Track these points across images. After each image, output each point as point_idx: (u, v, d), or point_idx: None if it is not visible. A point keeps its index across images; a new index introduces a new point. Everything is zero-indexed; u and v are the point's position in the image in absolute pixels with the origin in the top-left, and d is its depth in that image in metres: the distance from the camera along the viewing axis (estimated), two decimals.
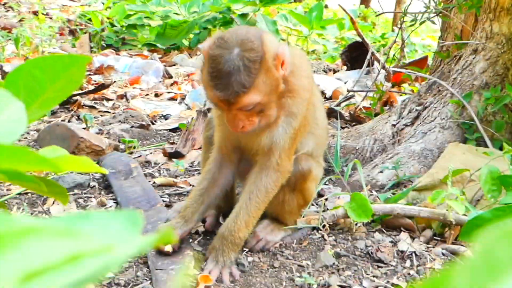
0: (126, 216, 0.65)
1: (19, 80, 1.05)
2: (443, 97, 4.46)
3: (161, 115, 6.02)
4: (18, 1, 12.48)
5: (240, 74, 2.75)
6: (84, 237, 0.56)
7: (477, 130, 4.17)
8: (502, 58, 4.26)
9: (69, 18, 11.21)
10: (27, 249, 0.53)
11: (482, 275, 0.44)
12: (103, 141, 4.55)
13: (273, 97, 2.95)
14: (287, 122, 3.11)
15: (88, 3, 13.47)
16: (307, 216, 3.56)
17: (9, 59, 7.63)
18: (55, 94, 1.08)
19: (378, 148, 4.54)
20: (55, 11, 11.86)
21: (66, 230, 0.55)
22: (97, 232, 0.63)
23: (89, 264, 0.54)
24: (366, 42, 6.62)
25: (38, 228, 0.54)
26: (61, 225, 0.63)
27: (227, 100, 2.80)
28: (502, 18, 4.26)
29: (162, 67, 7.98)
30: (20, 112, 0.93)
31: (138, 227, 0.64)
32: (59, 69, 1.03)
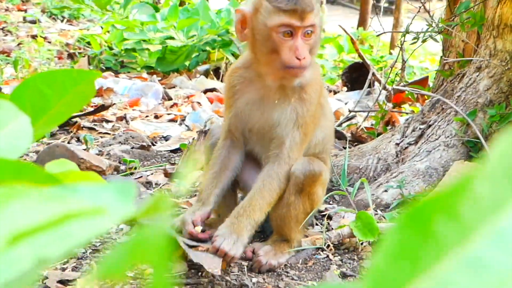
0: (118, 187, 0.62)
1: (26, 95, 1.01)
2: (447, 115, 4.43)
3: (162, 136, 5.98)
4: (17, 25, 12.49)
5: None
6: (75, 200, 0.53)
7: (482, 148, 4.14)
8: (506, 75, 4.24)
9: (68, 42, 11.20)
10: (14, 210, 0.50)
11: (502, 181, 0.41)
12: (103, 162, 4.51)
13: (318, 44, 3.36)
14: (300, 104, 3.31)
15: (86, 27, 13.48)
16: (311, 235, 3.53)
17: (8, 81, 7.62)
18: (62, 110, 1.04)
19: (382, 167, 4.50)
20: (54, 35, 11.85)
21: (55, 194, 0.53)
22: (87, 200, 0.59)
23: (79, 225, 0.52)
24: (367, 62, 6.61)
25: (26, 191, 0.52)
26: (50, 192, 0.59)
27: (301, 13, 3.09)
28: (506, 35, 4.24)
29: (161, 89, 7.96)
30: (25, 126, 0.90)
31: (130, 197, 0.61)
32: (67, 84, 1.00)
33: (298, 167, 3.26)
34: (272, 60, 3.21)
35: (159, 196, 0.55)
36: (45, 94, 1.00)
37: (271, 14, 3.12)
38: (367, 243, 3.41)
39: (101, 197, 0.60)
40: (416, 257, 0.39)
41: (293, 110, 3.29)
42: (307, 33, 3.14)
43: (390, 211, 3.91)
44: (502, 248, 0.38)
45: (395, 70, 7.28)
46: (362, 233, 3.31)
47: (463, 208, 0.41)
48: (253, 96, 3.40)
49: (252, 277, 3.18)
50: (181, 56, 9.60)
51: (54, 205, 0.51)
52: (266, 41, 3.20)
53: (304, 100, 3.31)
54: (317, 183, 3.31)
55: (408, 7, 16.16)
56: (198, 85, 8.69)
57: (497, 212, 0.40)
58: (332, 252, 3.41)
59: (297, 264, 3.32)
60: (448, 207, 0.41)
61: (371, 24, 10.34)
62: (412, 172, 4.21)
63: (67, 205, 0.52)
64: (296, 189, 3.27)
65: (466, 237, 0.40)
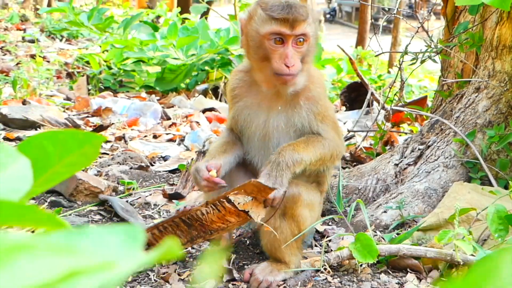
0: (125, 231, 0.62)
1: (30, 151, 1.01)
2: (446, 136, 4.43)
3: (160, 156, 5.98)
4: (16, 44, 12.53)
5: (299, 7, 3.22)
6: (82, 254, 0.52)
7: (482, 169, 4.14)
8: (505, 96, 4.25)
9: (67, 61, 11.25)
10: (19, 267, 0.49)
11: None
12: (101, 182, 4.50)
13: (311, 53, 3.39)
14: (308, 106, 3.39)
15: (85, 47, 13.53)
16: (310, 257, 3.52)
17: (7, 101, 7.62)
18: (64, 169, 1.04)
19: (381, 187, 4.50)
20: (53, 54, 11.90)
21: (62, 246, 0.52)
22: (96, 248, 0.59)
23: (88, 281, 0.51)
24: (365, 82, 6.62)
25: (31, 245, 0.51)
26: (57, 241, 0.58)
27: (292, 22, 3.18)
28: (505, 56, 4.25)
29: (160, 108, 7.97)
30: (25, 168, 0.90)
31: (139, 242, 0.60)
32: (72, 145, 1.00)
33: (276, 192, 3.24)
34: (264, 66, 3.29)
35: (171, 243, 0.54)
36: (49, 152, 1.01)
37: (263, 22, 3.22)
38: (366, 264, 3.39)
39: (109, 243, 0.60)
40: None
41: (305, 110, 3.37)
42: (299, 41, 3.22)
43: (390, 232, 3.90)
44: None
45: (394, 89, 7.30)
46: (361, 254, 3.30)
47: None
48: (252, 101, 3.47)
49: None
50: (180, 75, 9.62)
51: (62, 260, 0.50)
52: (258, 48, 3.28)
53: (312, 99, 3.40)
54: (298, 205, 3.29)
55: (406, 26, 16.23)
56: (196, 104, 8.71)
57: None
58: (331, 274, 3.40)
59: (296, 286, 3.31)
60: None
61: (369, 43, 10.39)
62: (411, 193, 4.20)
63: (76, 258, 0.50)
64: (280, 212, 3.26)
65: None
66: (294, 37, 3.18)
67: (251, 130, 3.43)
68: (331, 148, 3.35)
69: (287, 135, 3.35)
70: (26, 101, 7.58)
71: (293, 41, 3.19)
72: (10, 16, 16.47)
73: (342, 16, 42.17)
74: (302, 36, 3.21)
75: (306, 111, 3.35)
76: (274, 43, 3.20)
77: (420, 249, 3.43)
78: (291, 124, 3.35)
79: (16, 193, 0.85)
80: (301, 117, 3.35)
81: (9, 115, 6.53)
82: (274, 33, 3.18)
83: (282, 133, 3.35)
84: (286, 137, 3.35)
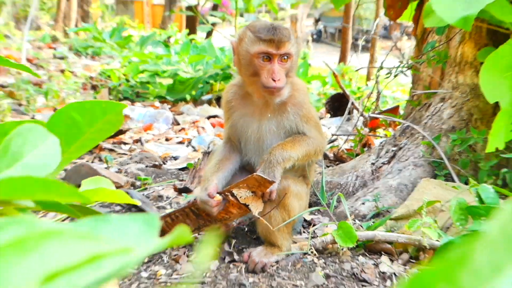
0: (143, 219, 0.63)
1: (60, 122, 1.00)
2: (415, 139, 4.44)
3: (171, 156, 5.98)
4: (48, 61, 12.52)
5: (283, 29, 3.21)
6: (104, 240, 0.53)
7: (446, 167, 4.15)
8: (466, 105, 4.26)
9: (91, 75, 11.23)
10: (48, 251, 0.50)
11: (500, 250, 0.41)
12: (121, 178, 4.51)
13: (294, 68, 3.37)
14: (295, 110, 3.39)
15: (107, 63, 13.51)
16: (299, 241, 3.53)
17: (40, 109, 7.63)
18: (93, 136, 1.04)
19: (359, 183, 4.51)
20: (79, 69, 11.89)
21: (86, 233, 0.52)
22: (116, 234, 0.60)
23: (108, 264, 0.51)
24: (347, 93, 6.62)
25: (59, 231, 0.51)
26: (82, 229, 0.60)
27: (277, 43, 3.18)
28: (466, 70, 4.26)
29: (171, 115, 7.97)
30: (54, 146, 0.89)
31: (155, 229, 0.61)
32: (98, 114, 0.99)
33: (273, 186, 3.27)
34: (254, 81, 3.29)
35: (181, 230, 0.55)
36: (78, 122, 1.00)
37: (253, 43, 3.22)
38: (347, 248, 3.40)
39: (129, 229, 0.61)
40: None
41: (292, 113, 3.38)
42: (283, 59, 3.22)
43: (367, 221, 3.91)
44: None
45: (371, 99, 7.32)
46: (343, 240, 3.31)
47: (463, 276, 0.41)
48: (246, 111, 3.46)
49: (249, 277, 3.17)
50: (188, 86, 9.63)
51: (84, 245, 0.51)
52: (248, 65, 3.28)
53: (297, 104, 3.40)
54: (288, 195, 3.31)
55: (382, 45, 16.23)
56: (202, 112, 8.71)
57: (493, 278, 0.40)
58: (317, 256, 3.41)
59: (287, 267, 3.32)
60: (450, 276, 0.41)
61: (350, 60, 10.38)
62: (386, 188, 4.21)
63: (97, 244, 0.51)
64: (272, 203, 3.29)
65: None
66: (279, 55, 3.20)
67: (248, 135, 3.44)
68: (314, 144, 3.38)
69: (278, 137, 3.37)
70: (57, 109, 7.59)
71: (279, 59, 3.20)
72: (42, 36, 16.44)
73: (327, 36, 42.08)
74: (286, 55, 3.22)
75: (293, 115, 3.37)
76: (262, 61, 3.21)
77: (393, 235, 3.44)
78: (281, 127, 3.37)
79: (46, 168, 0.85)
80: (289, 120, 3.36)
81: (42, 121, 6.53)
82: (262, 52, 3.20)
83: (274, 135, 3.37)
84: (277, 138, 3.36)
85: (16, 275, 0.47)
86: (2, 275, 0.46)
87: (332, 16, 38.76)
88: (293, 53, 3.25)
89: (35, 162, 0.87)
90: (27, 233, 0.51)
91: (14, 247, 0.49)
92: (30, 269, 0.48)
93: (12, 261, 0.48)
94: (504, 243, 0.41)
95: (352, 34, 16.22)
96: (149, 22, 30.83)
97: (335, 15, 36.33)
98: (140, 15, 31.90)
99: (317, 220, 4.02)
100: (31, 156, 0.86)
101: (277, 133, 3.39)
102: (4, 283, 0.46)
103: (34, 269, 0.48)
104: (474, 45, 4.23)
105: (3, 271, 0.47)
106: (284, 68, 3.24)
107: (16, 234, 0.52)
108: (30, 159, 0.86)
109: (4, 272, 0.47)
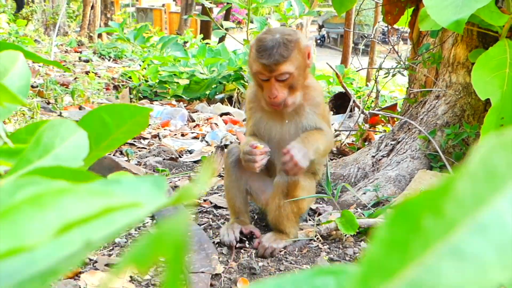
0: (152, 180, 0.63)
1: (91, 122, 1.01)
2: (412, 133, 4.41)
3: (187, 150, 5.96)
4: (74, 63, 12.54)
5: (280, 48, 2.95)
6: (115, 195, 0.52)
7: (441, 159, 4.12)
8: (459, 102, 4.22)
9: (114, 76, 11.24)
10: (63, 206, 0.49)
11: (482, 182, 0.39)
12: (141, 170, 4.49)
13: (301, 77, 3.12)
14: (313, 110, 3.26)
15: (128, 65, 13.54)
16: (305, 228, 3.51)
17: (67, 107, 7.63)
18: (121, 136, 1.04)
19: (361, 174, 4.47)
20: (102, 71, 11.90)
21: (99, 190, 0.52)
22: (127, 193, 0.60)
23: (119, 218, 0.52)
24: (349, 92, 6.58)
25: (73, 189, 0.51)
26: (95, 187, 0.58)
27: (270, 67, 2.96)
28: (459, 70, 4.23)
29: (186, 113, 7.95)
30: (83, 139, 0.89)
31: (163, 189, 0.62)
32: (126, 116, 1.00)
33: (281, 178, 3.21)
34: (261, 92, 3.17)
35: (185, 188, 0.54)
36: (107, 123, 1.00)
37: (254, 60, 3.06)
38: (349, 235, 3.37)
39: (139, 189, 0.61)
40: (406, 248, 0.38)
41: (311, 113, 3.27)
42: (281, 79, 3.03)
43: (368, 210, 3.88)
44: (480, 238, 0.37)
45: (371, 98, 7.28)
46: (345, 227, 3.29)
47: (447, 205, 0.39)
48: (265, 114, 3.34)
49: (258, 262, 3.15)
50: (203, 86, 9.62)
51: (97, 200, 0.50)
52: (254, 79, 3.19)
53: (315, 104, 3.30)
54: (298, 188, 3.24)
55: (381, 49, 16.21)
56: (215, 110, 8.69)
57: (477, 208, 0.38)
58: (322, 242, 3.39)
59: (294, 252, 3.29)
60: (434, 205, 0.39)
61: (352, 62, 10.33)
62: (385, 179, 4.18)
63: (109, 199, 0.51)
64: (283, 194, 3.23)
65: (449, 230, 0.38)
66: (274, 77, 3.01)
67: (270, 136, 3.35)
68: (329, 139, 3.32)
69: (298, 135, 3.25)
70: (82, 107, 7.58)
71: (276, 79, 3.02)
72: (69, 41, 16.49)
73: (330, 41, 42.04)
74: (282, 76, 3.01)
75: (312, 114, 3.26)
76: (262, 79, 3.07)
77: None
78: (300, 128, 3.25)
79: (75, 160, 0.85)
80: (308, 119, 3.25)
81: (68, 117, 6.54)
82: (259, 73, 3.04)
83: (294, 135, 3.24)
84: (297, 136, 3.27)
85: (32, 227, 0.47)
86: (19, 228, 0.47)
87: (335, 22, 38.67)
88: (292, 70, 3.01)
89: (65, 154, 0.88)
90: (43, 190, 0.51)
91: (31, 202, 0.49)
92: (45, 222, 0.48)
93: (29, 214, 0.48)
94: (484, 175, 0.39)
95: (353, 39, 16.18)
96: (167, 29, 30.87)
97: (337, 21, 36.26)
98: (158, 22, 31.94)
99: (321, 209, 4.00)
100: (62, 148, 0.87)
101: (297, 133, 3.27)
102: (21, 234, 0.47)
103: (49, 222, 0.48)
104: (465, 47, 4.20)
105: (20, 224, 0.47)
106: (285, 84, 3.06)
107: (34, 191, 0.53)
108: (61, 150, 0.87)
109: (21, 225, 0.47)
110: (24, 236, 0.46)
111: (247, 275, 2.99)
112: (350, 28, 15.39)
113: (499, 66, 3.39)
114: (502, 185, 0.39)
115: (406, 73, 5.07)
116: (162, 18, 33.09)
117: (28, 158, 0.81)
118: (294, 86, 3.10)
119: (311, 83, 3.35)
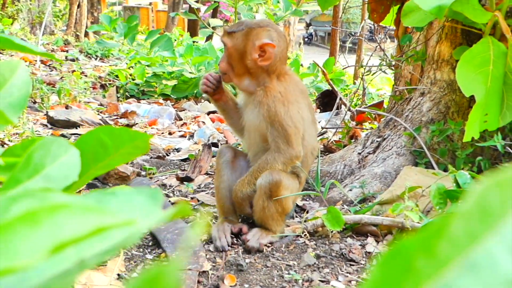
0: (147, 193, 0.63)
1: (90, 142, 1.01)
2: (398, 130, 4.44)
3: (174, 148, 5.97)
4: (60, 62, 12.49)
5: (236, 26, 3.24)
6: (110, 212, 0.52)
7: (426, 156, 4.15)
8: (444, 99, 4.26)
9: (100, 75, 11.20)
10: (57, 223, 0.49)
11: (476, 221, 0.40)
12: (128, 169, 4.49)
13: (240, 61, 3.25)
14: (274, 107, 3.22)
15: (115, 64, 13.49)
16: (292, 225, 3.53)
17: (53, 106, 7.61)
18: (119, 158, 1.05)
19: (347, 171, 4.50)
20: (89, 70, 11.86)
21: (93, 206, 0.52)
22: (122, 207, 0.60)
23: (113, 235, 0.52)
24: (335, 90, 6.61)
25: (68, 205, 0.51)
26: (89, 202, 0.59)
27: (224, 34, 3.29)
28: (443, 67, 4.26)
29: (174, 111, 7.96)
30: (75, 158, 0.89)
31: (159, 203, 0.62)
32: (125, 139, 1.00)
33: (263, 180, 3.24)
34: None
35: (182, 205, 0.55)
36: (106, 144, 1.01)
37: None
38: (336, 231, 3.40)
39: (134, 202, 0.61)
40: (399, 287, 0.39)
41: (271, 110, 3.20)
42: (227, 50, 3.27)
43: (354, 206, 3.91)
44: (472, 277, 0.38)
45: (357, 95, 7.32)
46: (331, 223, 3.31)
47: (440, 245, 0.40)
48: (243, 96, 3.49)
49: (246, 258, 3.17)
50: (191, 85, 9.62)
51: (92, 217, 0.51)
52: None
53: (277, 102, 3.21)
54: (280, 188, 3.25)
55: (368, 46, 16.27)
56: (202, 108, 8.71)
57: (469, 247, 0.40)
58: (308, 238, 3.41)
59: (281, 248, 3.32)
60: (427, 245, 0.40)
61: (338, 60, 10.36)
62: (371, 175, 4.21)
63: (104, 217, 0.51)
64: (266, 196, 3.25)
65: (441, 269, 0.39)
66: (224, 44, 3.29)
67: (244, 119, 3.42)
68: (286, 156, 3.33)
69: (261, 127, 3.27)
70: (69, 106, 7.57)
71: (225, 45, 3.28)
72: (56, 40, 16.41)
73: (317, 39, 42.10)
74: (226, 44, 3.26)
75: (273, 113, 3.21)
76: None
77: (378, 218, 3.45)
78: (261, 119, 3.24)
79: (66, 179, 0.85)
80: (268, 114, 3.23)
81: (55, 117, 6.54)
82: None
83: (259, 126, 3.29)
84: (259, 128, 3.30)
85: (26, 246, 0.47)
86: (13, 247, 0.47)
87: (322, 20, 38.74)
88: (229, 45, 3.22)
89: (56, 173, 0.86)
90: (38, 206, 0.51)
91: (25, 220, 0.49)
92: (39, 241, 0.48)
93: (22, 233, 0.48)
94: (479, 214, 0.40)
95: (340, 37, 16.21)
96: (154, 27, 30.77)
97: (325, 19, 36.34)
98: (145, 21, 31.84)
99: (308, 206, 4.02)
100: (52, 168, 0.86)
101: (261, 126, 3.28)
102: (14, 254, 0.46)
103: (43, 241, 0.48)
104: (450, 44, 4.24)
105: (14, 243, 0.47)
106: (226, 55, 3.27)
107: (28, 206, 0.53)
108: (51, 170, 0.86)
109: (14, 244, 0.47)
110: (18, 256, 0.47)
111: (234, 271, 3.01)
112: (338, 26, 15.44)
113: (483, 63, 3.43)
114: (495, 224, 0.40)
115: (390, 72, 5.11)
116: (149, 17, 33.00)
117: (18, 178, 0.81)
118: (234, 66, 3.26)
119: (279, 83, 3.30)
